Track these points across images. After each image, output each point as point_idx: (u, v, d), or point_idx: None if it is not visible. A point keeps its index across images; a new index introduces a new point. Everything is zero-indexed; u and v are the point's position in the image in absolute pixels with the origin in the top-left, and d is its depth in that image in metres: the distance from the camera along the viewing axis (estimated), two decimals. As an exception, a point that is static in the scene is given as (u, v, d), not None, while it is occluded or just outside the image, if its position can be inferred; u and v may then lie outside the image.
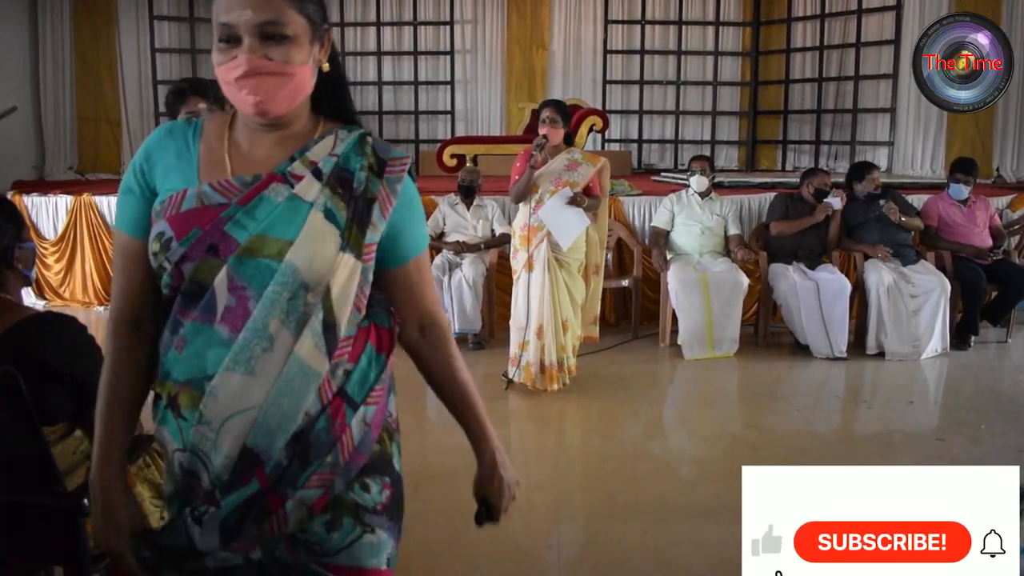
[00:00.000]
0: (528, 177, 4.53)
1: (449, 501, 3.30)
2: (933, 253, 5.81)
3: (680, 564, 2.85)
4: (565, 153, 4.67)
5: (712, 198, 5.87)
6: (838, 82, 9.61)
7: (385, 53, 10.11)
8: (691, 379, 5.18)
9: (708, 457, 3.93)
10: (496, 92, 10.15)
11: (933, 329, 5.40)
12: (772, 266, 5.66)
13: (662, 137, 10.31)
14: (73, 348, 1.86)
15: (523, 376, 4.65)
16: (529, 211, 4.58)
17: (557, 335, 4.61)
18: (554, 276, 4.55)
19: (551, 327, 4.58)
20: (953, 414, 4.46)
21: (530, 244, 4.56)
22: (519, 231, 4.64)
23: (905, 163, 8.95)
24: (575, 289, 4.66)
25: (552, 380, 4.62)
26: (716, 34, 10.15)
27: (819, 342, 5.38)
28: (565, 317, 4.62)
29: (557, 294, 4.57)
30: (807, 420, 4.43)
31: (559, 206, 4.49)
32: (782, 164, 10.05)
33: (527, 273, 4.59)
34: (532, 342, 4.59)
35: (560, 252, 4.56)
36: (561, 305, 4.59)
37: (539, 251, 4.55)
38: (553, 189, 4.53)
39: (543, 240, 4.54)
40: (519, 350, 4.66)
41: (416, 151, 10.02)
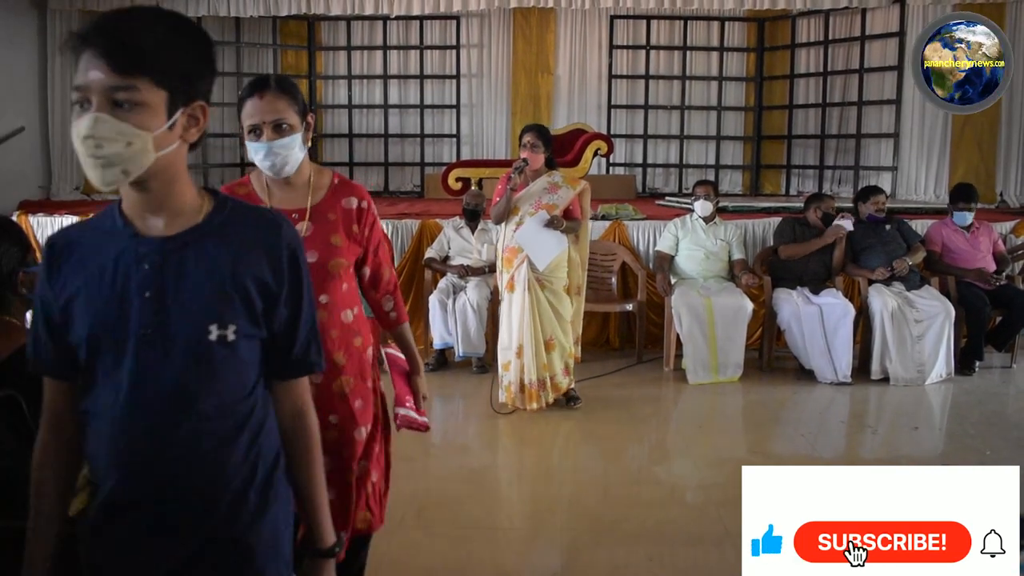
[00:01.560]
0: (507, 199, 4.60)
1: (452, 526, 3.30)
2: (937, 278, 5.80)
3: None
4: (546, 176, 4.71)
5: (716, 223, 5.88)
6: (842, 107, 9.65)
7: (391, 77, 10.19)
8: (695, 404, 5.17)
9: (713, 483, 3.91)
10: (501, 116, 10.21)
11: (937, 354, 5.39)
12: (776, 291, 5.66)
13: (666, 161, 10.35)
14: None
15: (505, 396, 4.70)
16: (510, 233, 4.63)
17: (538, 355, 4.63)
18: (534, 296, 4.59)
19: (531, 347, 4.61)
20: (958, 440, 4.44)
21: (511, 265, 4.61)
22: (502, 253, 4.73)
23: (909, 188, 8.97)
24: (561, 307, 4.69)
25: (532, 399, 4.65)
26: (720, 60, 10.21)
27: (823, 367, 5.37)
28: (549, 336, 4.65)
29: (538, 314, 4.61)
30: (812, 445, 4.41)
31: (535, 228, 4.56)
32: (786, 189, 10.07)
33: (509, 294, 4.66)
34: (512, 362, 4.64)
35: (541, 273, 4.60)
36: (543, 324, 4.62)
37: (519, 272, 4.61)
38: (533, 211, 4.59)
39: (523, 261, 4.59)
40: (502, 370, 4.72)
41: (421, 174, 10.08)
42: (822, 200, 5.90)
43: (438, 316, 5.57)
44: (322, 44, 10.22)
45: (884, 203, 5.89)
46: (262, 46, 9.95)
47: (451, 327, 5.55)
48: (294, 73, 10.18)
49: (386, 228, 6.28)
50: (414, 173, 10.25)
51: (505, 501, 3.73)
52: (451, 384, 5.44)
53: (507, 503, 3.72)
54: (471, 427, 4.88)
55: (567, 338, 4.74)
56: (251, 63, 9.92)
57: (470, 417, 5.03)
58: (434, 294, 5.65)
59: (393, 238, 6.31)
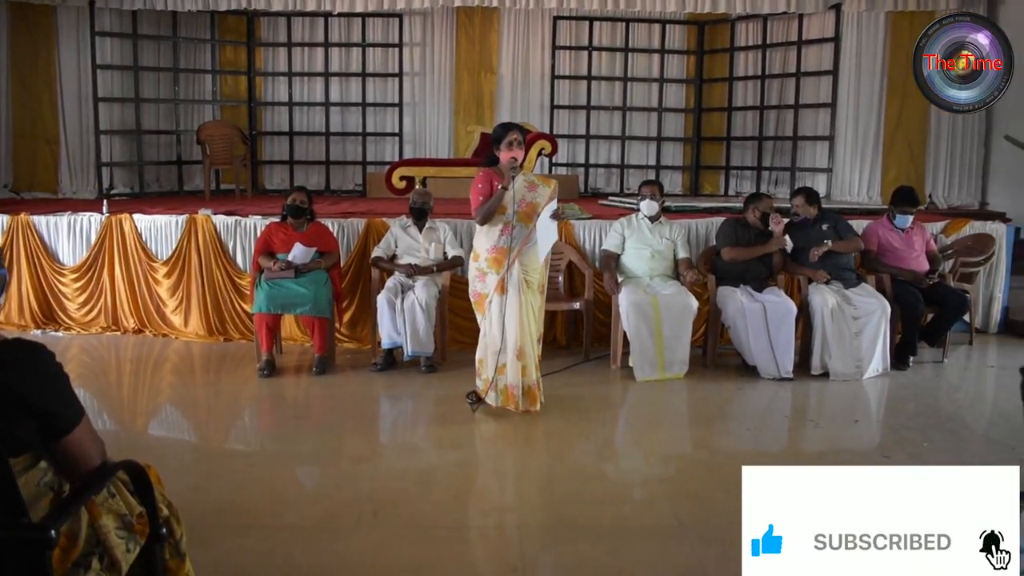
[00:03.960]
0: (499, 199, 4.55)
1: (409, 526, 3.28)
2: (873, 277, 5.98)
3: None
4: (522, 175, 4.71)
5: (662, 222, 5.96)
6: (779, 110, 9.88)
7: (333, 74, 10.08)
8: (643, 401, 5.23)
9: (664, 477, 3.97)
10: (444, 115, 10.19)
11: (875, 350, 5.56)
12: (720, 289, 5.77)
13: (608, 162, 10.46)
14: (42, 377, 1.80)
15: (502, 400, 4.65)
16: (497, 233, 4.59)
17: (535, 354, 4.65)
18: (525, 297, 4.59)
19: (531, 347, 4.61)
20: (897, 432, 4.59)
21: (501, 267, 4.58)
22: (486, 254, 4.63)
23: (843, 189, 9.24)
24: (537, 307, 4.70)
25: (534, 400, 4.67)
26: (661, 62, 10.36)
27: (766, 363, 5.49)
28: (536, 335, 4.68)
29: (529, 314, 4.61)
30: (757, 439, 4.51)
31: (546, 218, 4.54)
32: (725, 189, 10.27)
33: (500, 296, 4.59)
34: (511, 364, 4.60)
35: (528, 272, 4.60)
36: (531, 324, 4.62)
37: (511, 274, 4.57)
38: (519, 210, 4.56)
39: (515, 262, 4.56)
40: (497, 375, 4.65)
41: (363, 173, 10.00)
42: (760, 200, 6.03)
43: (386, 315, 5.53)
44: (262, 40, 10.06)
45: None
46: (200, 41, 9.74)
47: (399, 326, 5.51)
48: (232, 70, 10.01)
49: (331, 227, 6.22)
50: (356, 172, 10.16)
51: (460, 500, 3.72)
52: (400, 384, 5.41)
53: (462, 502, 3.71)
54: (420, 427, 4.86)
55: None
56: (188, 59, 9.71)
57: (419, 417, 5.01)
58: (382, 293, 5.60)
59: (339, 237, 6.25)
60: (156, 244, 6.65)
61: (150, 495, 2.01)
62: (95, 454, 1.90)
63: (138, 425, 4.78)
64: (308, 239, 5.75)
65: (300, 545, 3.09)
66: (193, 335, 6.54)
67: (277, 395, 5.26)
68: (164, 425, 4.96)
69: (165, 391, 5.47)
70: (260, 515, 3.38)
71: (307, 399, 5.26)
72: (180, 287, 6.56)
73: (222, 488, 3.68)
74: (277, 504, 3.50)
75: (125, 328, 6.68)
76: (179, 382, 5.59)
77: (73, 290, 6.72)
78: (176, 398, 5.31)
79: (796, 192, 6.28)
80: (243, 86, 10.07)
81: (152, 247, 6.65)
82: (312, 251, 5.70)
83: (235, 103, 10.03)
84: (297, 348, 6.31)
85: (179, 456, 4.21)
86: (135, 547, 1.94)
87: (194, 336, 6.53)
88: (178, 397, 5.31)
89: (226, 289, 6.50)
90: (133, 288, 6.65)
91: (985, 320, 7.04)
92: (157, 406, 5.27)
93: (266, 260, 5.67)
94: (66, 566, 1.80)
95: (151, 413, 5.11)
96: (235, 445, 4.52)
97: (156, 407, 5.25)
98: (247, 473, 3.89)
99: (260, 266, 5.71)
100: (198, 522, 3.20)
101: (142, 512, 1.98)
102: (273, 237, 5.81)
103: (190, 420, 4.95)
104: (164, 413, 5.14)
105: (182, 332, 6.57)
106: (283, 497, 3.59)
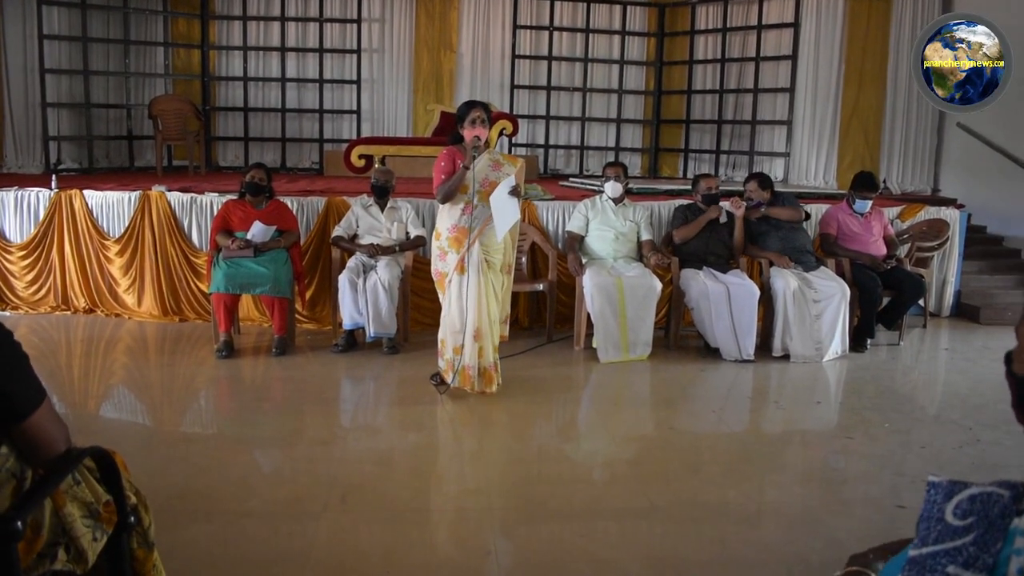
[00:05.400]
0: (460, 177, 4.48)
1: (378, 508, 3.23)
2: (833, 260, 6.05)
3: (619, 565, 2.84)
4: (487, 154, 4.64)
5: (626, 204, 5.95)
6: (737, 94, 9.93)
7: (289, 49, 9.87)
8: (608, 382, 5.23)
9: (634, 458, 3.96)
10: (403, 93, 10.05)
11: (834, 333, 5.63)
12: (684, 271, 5.78)
13: (568, 143, 10.42)
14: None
15: (459, 380, 4.60)
16: (459, 212, 4.52)
17: (493, 336, 4.59)
18: (485, 277, 4.52)
19: (488, 328, 4.55)
20: (858, 413, 4.64)
21: (461, 246, 4.50)
22: (447, 232, 4.56)
23: (800, 173, 9.33)
24: (499, 287, 4.64)
25: (490, 382, 4.61)
26: (622, 43, 10.34)
27: (728, 345, 5.52)
28: (494, 316, 4.60)
29: (488, 295, 4.54)
30: (723, 421, 4.53)
31: (504, 195, 4.44)
32: (684, 172, 10.31)
33: (459, 276, 4.52)
34: (469, 345, 4.53)
35: (489, 252, 4.53)
36: (490, 305, 4.56)
37: (471, 253, 4.49)
38: (481, 189, 4.49)
39: (475, 241, 4.49)
40: (455, 355, 4.59)
41: (320, 150, 9.84)
42: (700, 181, 6.08)
43: (348, 296, 5.44)
44: (216, 12, 9.80)
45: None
46: (151, 12, 9.46)
47: (361, 307, 5.43)
48: (185, 43, 9.74)
49: (290, 205, 6.09)
50: (312, 150, 9.99)
51: (428, 483, 3.67)
52: (362, 365, 5.33)
53: (431, 485, 3.66)
54: (383, 409, 4.79)
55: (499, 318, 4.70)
56: (139, 31, 9.43)
57: (382, 399, 4.94)
58: (343, 273, 5.51)
59: (298, 215, 6.12)
60: (108, 221, 6.44)
61: (117, 482, 1.93)
62: (59, 439, 1.80)
63: (90, 408, 4.63)
64: (267, 217, 5.63)
65: (266, 531, 3.02)
66: (147, 315, 6.37)
67: (236, 377, 5.14)
68: (118, 408, 4.81)
69: (119, 373, 5.31)
70: (223, 500, 3.29)
71: (267, 381, 5.16)
72: (133, 266, 6.37)
73: (181, 473, 3.58)
74: (240, 489, 3.41)
75: (76, 308, 6.48)
76: (133, 364, 5.43)
77: (20, 268, 6.49)
78: (130, 380, 5.15)
79: (749, 177, 6.34)
80: (196, 60, 9.81)
81: (103, 224, 6.45)
82: (271, 229, 5.58)
83: (188, 77, 9.77)
84: (255, 329, 6.18)
85: (135, 440, 4.09)
86: (102, 536, 1.85)
87: (148, 316, 6.36)
88: (132, 379, 5.16)
89: (181, 268, 6.33)
90: (84, 266, 6.45)
91: (938, 304, 7.19)
92: (110, 388, 5.11)
93: (224, 239, 5.53)
94: (31, 557, 1.71)
95: (104, 396, 4.96)
96: (193, 428, 4.40)
97: (109, 389, 5.09)
98: (207, 457, 3.79)
99: (218, 245, 5.56)
100: (158, 509, 3.10)
101: (109, 500, 1.90)
102: (231, 215, 5.67)
103: (145, 403, 4.81)
104: (118, 396, 4.99)
105: (135, 312, 6.40)
106: (246, 482, 3.50)
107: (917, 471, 3.77)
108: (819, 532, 3.13)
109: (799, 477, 3.78)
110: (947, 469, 3.80)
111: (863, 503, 3.45)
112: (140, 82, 9.45)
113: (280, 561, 2.80)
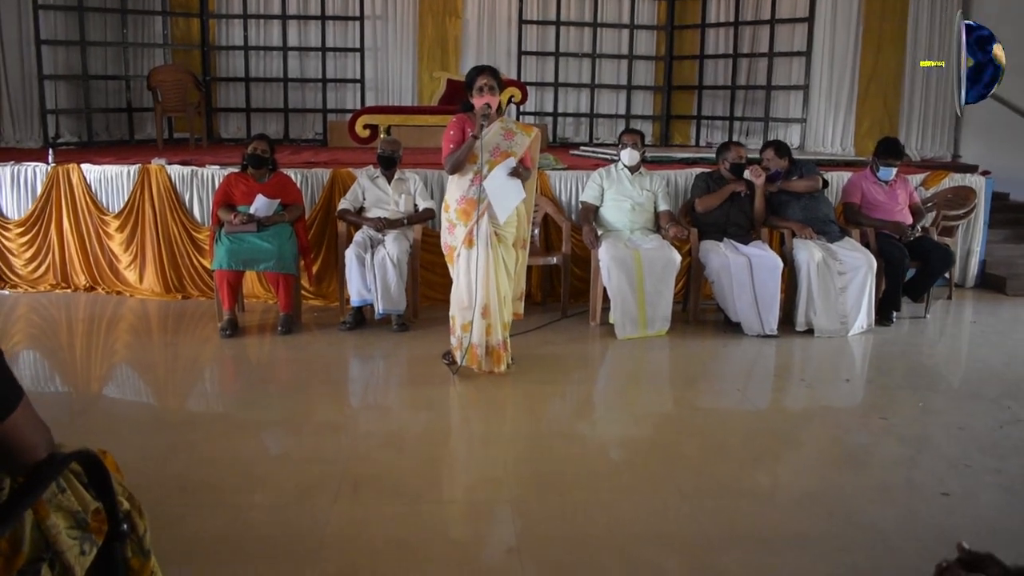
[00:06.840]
0: (469, 147, 4.26)
1: (395, 503, 3.05)
2: (857, 231, 5.83)
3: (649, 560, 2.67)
4: (499, 122, 4.41)
5: (642, 173, 5.73)
6: (751, 59, 9.64)
7: (291, 17, 9.59)
8: (626, 359, 5.04)
9: (655, 439, 3.78)
10: (408, 61, 9.78)
11: (860, 306, 5.43)
12: (703, 242, 5.57)
13: (577, 110, 10.16)
14: None
15: (467, 359, 4.40)
16: (467, 183, 4.31)
17: (502, 313, 4.38)
18: (495, 252, 4.31)
19: (496, 305, 4.34)
20: (888, 391, 4.45)
21: (469, 219, 4.29)
22: (456, 204, 4.35)
23: (817, 140, 9.07)
24: (511, 263, 4.43)
25: (499, 361, 4.41)
26: (632, 7, 10.04)
27: (750, 319, 5.33)
28: (505, 293, 4.39)
29: (498, 270, 4.33)
30: (746, 399, 4.34)
31: (502, 176, 4.23)
32: (696, 139, 10.06)
33: (467, 250, 4.31)
34: (477, 322, 4.33)
35: (499, 226, 4.32)
36: (500, 281, 4.35)
37: (480, 226, 4.29)
38: (491, 159, 4.27)
39: (484, 214, 4.28)
40: (463, 332, 4.39)
41: (324, 121, 9.60)
42: (729, 150, 5.83)
43: (355, 271, 5.24)
44: (214, -21, 9.51)
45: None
46: (148, -21, 9.17)
47: (369, 282, 5.24)
48: (184, 11, 9.47)
49: (294, 177, 5.88)
50: (316, 120, 9.74)
51: (444, 471, 3.49)
52: (371, 344, 5.14)
53: (446, 473, 3.48)
54: (394, 390, 4.61)
55: (511, 295, 4.50)
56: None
57: (392, 379, 4.76)
58: (350, 248, 5.31)
59: (302, 188, 5.91)
60: (107, 196, 6.25)
61: (107, 487, 1.74)
62: (39, 443, 1.61)
63: (92, 390, 4.46)
64: (270, 190, 5.43)
65: (274, 525, 2.85)
66: (149, 292, 6.19)
67: (240, 356, 4.96)
68: (120, 389, 4.64)
69: (120, 352, 5.14)
70: (229, 491, 3.13)
71: (272, 360, 4.98)
72: (134, 242, 6.19)
73: (184, 461, 3.42)
74: (246, 479, 3.24)
75: (76, 285, 6.31)
76: (135, 343, 5.26)
77: (19, 245, 6.31)
78: (132, 360, 4.98)
79: (766, 145, 6.08)
80: (196, 29, 9.54)
81: (103, 199, 6.25)
82: (275, 203, 5.38)
83: (187, 47, 9.51)
84: (260, 306, 6.00)
85: (137, 425, 3.92)
86: (91, 548, 1.67)
87: (150, 293, 6.18)
88: (134, 359, 4.99)
89: (183, 243, 6.14)
90: (83, 243, 6.26)
91: (963, 275, 6.98)
92: (112, 369, 4.94)
93: (226, 213, 5.34)
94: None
95: (106, 377, 4.78)
96: (197, 411, 4.22)
97: (111, 370, 4.92)
98: (211, 443, 3.61)
99: (220, 219, 5.37)
100: (161, 499, 2.95)
101: (98, 507, 1.71)
102: (233, 189, 5.47)
103: (148, 384, 4.63)
104: (120, 376, 4.82)
105: (137, 289, 6.22)
106: (253, 471, 3.33)
107: (957, 455, 3.57)
108: (859, 523, 2.94)
109: (832, 460, 3.60)
110: (989, 452, 3.61)
111: (905, 490, 3.25)
112: (139, 52, 9.19)
113: (289, 557, 2.63)
